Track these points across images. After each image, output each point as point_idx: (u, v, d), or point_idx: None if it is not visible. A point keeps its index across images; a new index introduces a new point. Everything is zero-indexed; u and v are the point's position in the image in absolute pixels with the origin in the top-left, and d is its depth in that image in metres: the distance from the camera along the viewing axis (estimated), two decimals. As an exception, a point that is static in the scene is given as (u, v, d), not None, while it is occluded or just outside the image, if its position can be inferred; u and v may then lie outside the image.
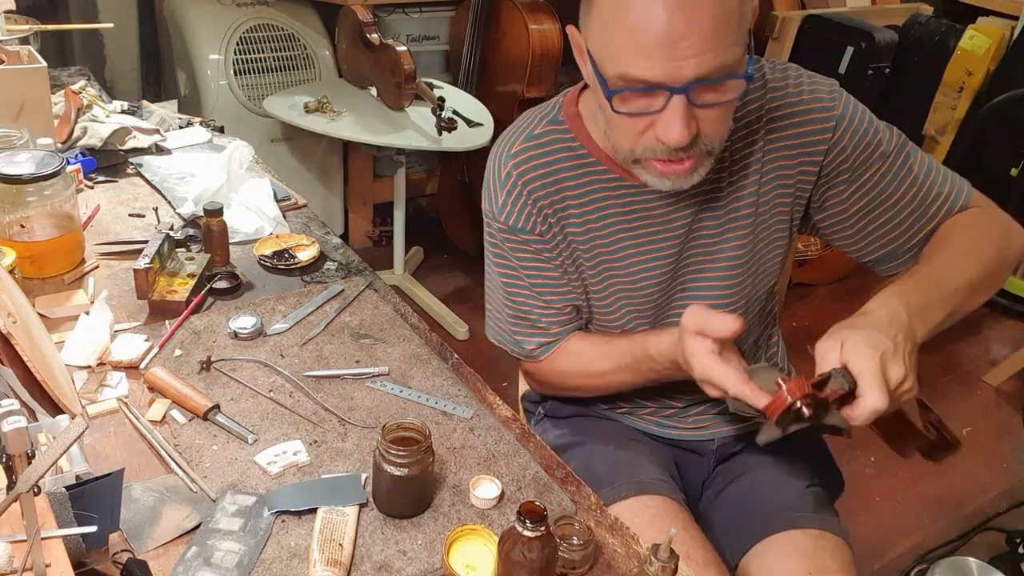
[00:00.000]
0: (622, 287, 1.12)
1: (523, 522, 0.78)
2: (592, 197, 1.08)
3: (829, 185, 1.09)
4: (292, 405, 1.11)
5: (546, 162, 1.08)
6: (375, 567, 0.89)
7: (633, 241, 1.10)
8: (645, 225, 1.09)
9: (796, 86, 1.06)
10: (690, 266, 1.12)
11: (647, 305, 1.13)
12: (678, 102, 0.87)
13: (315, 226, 1.58)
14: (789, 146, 1.07)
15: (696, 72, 0.85)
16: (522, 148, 1.09)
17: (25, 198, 1.28)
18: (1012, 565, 1.97)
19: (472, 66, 3.00)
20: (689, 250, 1.11)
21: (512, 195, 1.09)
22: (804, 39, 3.32)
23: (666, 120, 0.88)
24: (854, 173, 1.07)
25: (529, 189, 1.08)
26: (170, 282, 1.30)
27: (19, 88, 1.57)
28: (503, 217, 1.10)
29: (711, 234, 1.10)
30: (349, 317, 1.32)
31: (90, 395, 1.09)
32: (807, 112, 1.05)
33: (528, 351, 1.18)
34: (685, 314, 0.95)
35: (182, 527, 0.91)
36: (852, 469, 1.24)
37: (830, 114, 1.05)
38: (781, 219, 1.11)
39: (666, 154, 0.92)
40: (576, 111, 1.09)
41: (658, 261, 1.10)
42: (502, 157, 1.10)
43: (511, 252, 1.13)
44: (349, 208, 3.24)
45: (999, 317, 3.27)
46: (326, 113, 2.57)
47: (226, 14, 2.74)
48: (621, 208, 1.08)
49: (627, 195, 1.08)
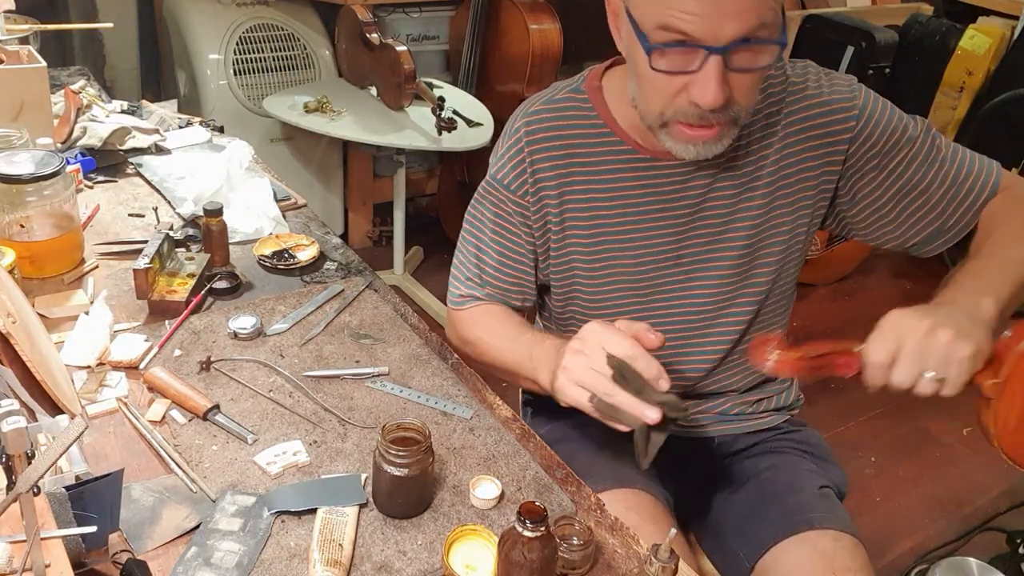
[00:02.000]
0: (618, 262, 1.13)
1: (523, 522, 0.78)
2: (602, 168, 1.09)
3: (860, 175, 1.10)
4: (292, 405, 1.11)
5: (559, 126, 1.10)
6: (375, 567, 0.89)
7: (637, 216, 1.10)
8: (652, 202, 1.09)
9: (816, 81, 1.08)
10: (693, 249, 1.12)
11: (642, 283, 1.13)
12: (715, 63, 0.88)
13: (315, 226, 1.58)
14: (812, 139, 1.07)
15: (737, 30, 0.86)
16: (539, 110, 1.11)
17: (25, 198, 1.28)
18: (1012, 565, 1.97)
19: (472, 66, 3.00)
20: (693, 234, 1.11)
21: (512, 151, 1.11)
22: (804, 39, 3.32)
23: (702, 81, 0.89)
24: (883, 159, 1.08)
25: (532, 150, 1.10)
26: (170, 282, 1.30)
27: (19, 88, 1.57)
28: (494, 169, 1.13)
29: (717, 221, 1.10)
30: (349, 317, 1.32)
31: (90, 395, 1.09)
32: (828, 104, 1.07)
33: (455, 296, 1.22)
34: (619, 322, 0.97)
35: (182, 527, 0.91)
36: (852, 469, 1.24)
37: (851, 104, 1.06)
38: (803, 213, 1.11)
39: (696, 118, 0.93)
40: (599, 85, 1.11)
41: (661, 239, 1.11)
42: (519, 115, 1.13)
43: (491, 205, 1.15)
44: (349, 208, 3.24)
45: (999, 317, 3.27)
46: (326, 113, 2.57)
47: (226, 14, 2.74)
48: (631, 182, 1.09)
49: (639, 169, 1.08)
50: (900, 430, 2.59)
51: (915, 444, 2.55)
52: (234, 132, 2.03)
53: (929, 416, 2.66)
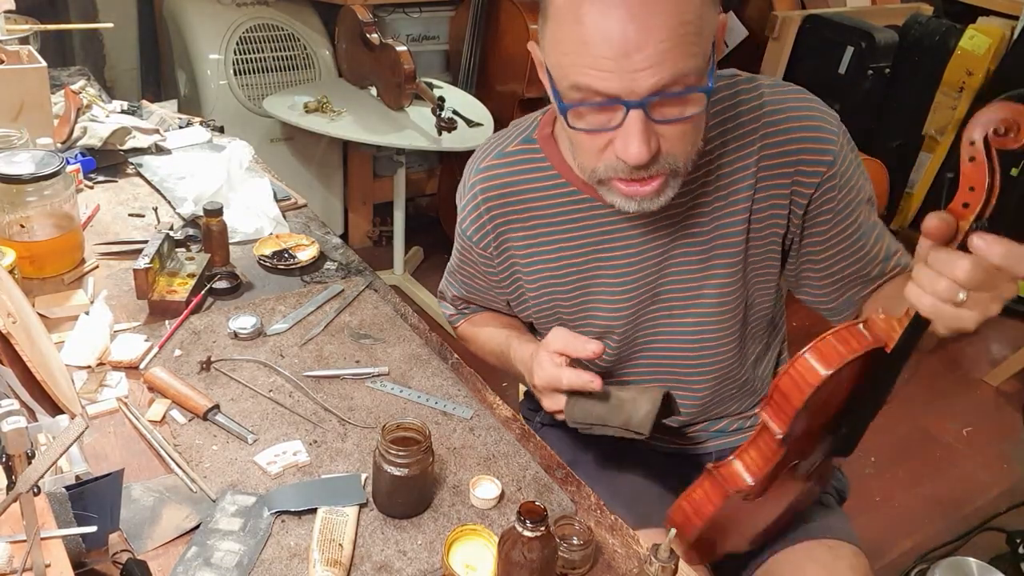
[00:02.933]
0: (597, 306, 1.10)
1: (523, 522, 0.78)
2: (564, 219, 1.06)
3: (812, 222, 1.04)
4: (292, 405, 1.11)
5: (513, 181, 1.07)
6: (375, 567, 0.89)
7: (609, 263, 1.07)
8: (620, 247, 1.06)
9: (798, 110, 1.01)
10: (671, 287, 1.07)
11: (623, 324, 1.10)
12: (635, 117, 0.84)
13: (315, 226, 1.58)
14: (785, 166, 1.01)
15: (652, 85, 0.82)
16: (490, 165, 1.09)
17: (25, 198, 1.28)
18: (1012, 565, 1.97)
19: (472, 66, 3.00)
20: (668, 276, 1.07)
21: (470, 206, 1.12)
22: (804, 39, 3.31)
23: (623, 136, 0.85)
24: (839, 215, 1.03)
25: (489, 207, 1.09)
26: (170, 282, 1.30)
27: (19, 88, 1.57)
28: (460, 217, 1.15)
29: (695, 259, 1.05)
30: (349, 317, 1.32)
31: (90, 395, 1.09)
32: (808, 140, 1.00)
33: (448, 315, 1.32)
34: (551, 333, 1.00)
35: (182, 527, 0.91)
36: (852, 469, 1.24)
37: (830, 147, 0.99)
38: (774, 246, 1.07)
39: (628, 173, 0.89)
40: (551, 132, 1.07)
41: (636, 282, 1.07)
42: (471, 169, 1.12)
43: (458, 246, 1.20)
44: (349, 208, 3.24)
45: (999, 317, 3.21)
46: (326, 113, 2.57)
47: (226, 14, 2.74)
48: (595, 231, 1.06)
49: (600, 217, 1.05)
50: (900, 430, 2.59)
51: (915, 444, 2.55)
52: (234, 132, 2.03)
53: (929, 416, 2.66)
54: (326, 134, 2.53)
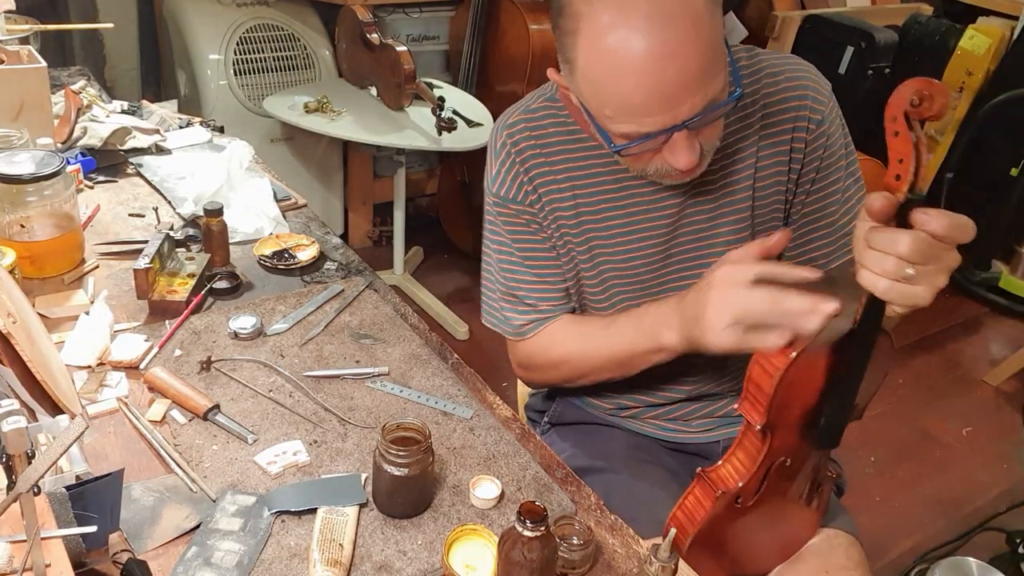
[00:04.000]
0: (612, 268, 1.12)
1: (523, 522, 0.78)
2: (585, 172, 1.09)
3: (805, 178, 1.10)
4: (292, 405, 1.11)
5: (539, 134, 1.10)
6: (375, 567, 0.89)
7: (624, 220, 1.10)
8: (636, 203, 1.09)
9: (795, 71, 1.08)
10: (683, 250, 1.12)
11: (636, 288, 1.13)
12: (681, 135, 0.89)
13: (315, 226, 1.58)
14: (783, 132, 1.08)
15: (691, 112, 0.87)
16: (517, 120, 1.11)
17: (25, 198, 1.28)
18: (1012, 565, 1.98)
19: (472, 66, 3.00)
20: (680, 233, 1.11)
21: (505, 164, 1.11)
22: (804, 39, 3.32)
23: (672, 149, 0.91)
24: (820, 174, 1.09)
25: (522, 158, 1.10)
26: (170, 282, 1.30)
27: (19, 88, 1.57)
28: (495, 187, 1.12)
29: (704, 218, 1.10)
30: (349, 317, 1.32)
31: (90, 395, 1.09)
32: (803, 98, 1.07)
33: (516, 327, 1.16)
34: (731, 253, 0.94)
35: (182, 527, 0.91)
36: (852, 469, 1.25)
37: (820, 107, 1.07)
38: (778, 207, 1.12)
39: (676, 172, 0.95)
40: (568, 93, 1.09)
41: (648, 242, 1.11)
42: (499, 128, 1.13)
43: (504, 226, 1.14)
44: (349, 208, 3.24)
45: (999, 317, 3.27)
46: (326, 113, 2.58)
47: (226, 14, 2.74)
48: (613, 185, 1.09)
49: (619, 171, 1.08)
50: (900, 430, 2.59)
51: (915, 444, 2.56)
52: (234, 132, 2.03)
53: (929, 416, 2.67)
54: (326, 134, 2.53)
